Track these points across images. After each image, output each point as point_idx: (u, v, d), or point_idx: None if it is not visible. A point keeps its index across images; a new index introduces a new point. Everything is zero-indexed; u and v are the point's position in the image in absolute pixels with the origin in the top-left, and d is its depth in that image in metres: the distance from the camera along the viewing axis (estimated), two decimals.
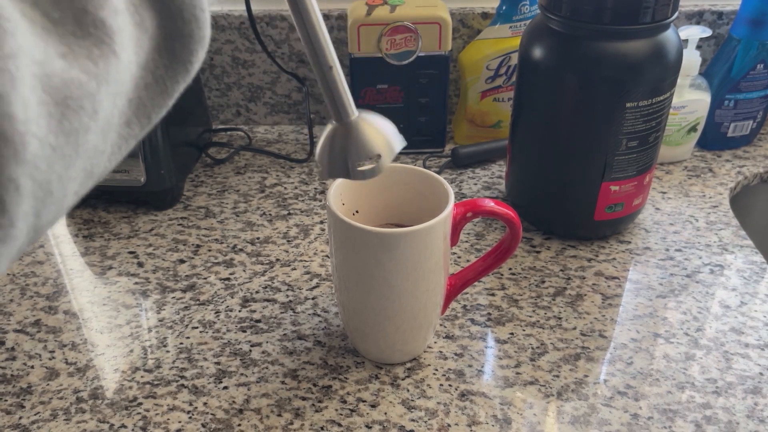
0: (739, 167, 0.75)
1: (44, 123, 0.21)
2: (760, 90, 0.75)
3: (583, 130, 0.58)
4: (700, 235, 0.64)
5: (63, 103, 0.22)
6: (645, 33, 0.55)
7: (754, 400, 0.48)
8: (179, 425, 0.46)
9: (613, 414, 0.47)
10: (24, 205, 0.21)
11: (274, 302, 0.57)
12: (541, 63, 0.58)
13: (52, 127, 0.22)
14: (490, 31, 0.75)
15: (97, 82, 0.23)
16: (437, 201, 0.47)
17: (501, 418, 0.46)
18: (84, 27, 0.23)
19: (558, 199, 0.62)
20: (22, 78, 0.20)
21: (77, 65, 0.23)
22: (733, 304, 0.56)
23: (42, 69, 0.21)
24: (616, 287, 0.58)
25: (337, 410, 0.47)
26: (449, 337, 0.53)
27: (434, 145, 0.78)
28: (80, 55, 0.23)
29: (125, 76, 0.25)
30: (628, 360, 0.51)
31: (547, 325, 0.54)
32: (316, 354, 0.52)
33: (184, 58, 0.27)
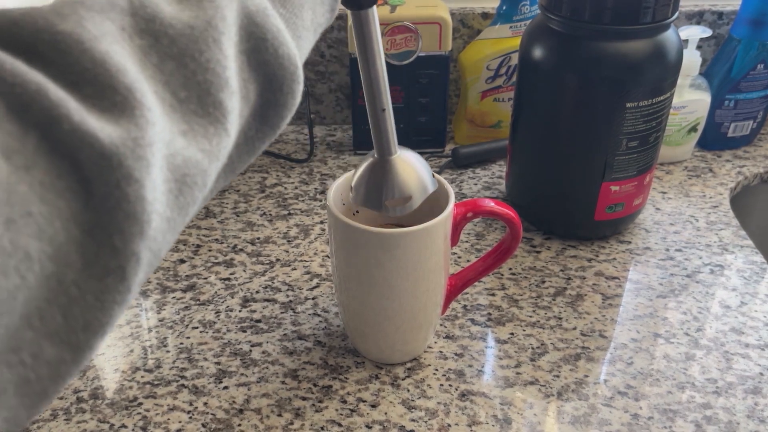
0: (739, 167, 0.75)
1: (164, 199, 0.23)
2: (760, 90, 0.75)
3: (584, 130, 0.58)
4: (701, 235, 0.64)
5: (181, 179, 0.24)
6: (645, 33, 0.55)
7: (754, 400, 0.48)
8: (179, 425, 0.46)
9: (614, 414, 0.47)
10: (141, 273, 0.23)
11: (274, 302, 0.57)
12: (542, 63, 0.58)
13: (170, 202, 0.23)
14: (491, 31, 0.75)
15: (209, 159, 0.25)
16: (437, 201, 0.47)
17: (501, 418, 0.46)
18: (205, 107, 0.25)
19: (558, 199, 0.62)
20: (155, 163, 0.22)
21: (195, 143, 0.24)
22: (733, 304, 0.56)
23: (168, 149, 0.23)
24: (617, 287, 0.58)
25: (337, 410, 0.47)
26: (449, 337, 0.53)
27: (434, 145, 0.78)
28: (198, 133, 0.25)
29: (230, 148, 0.27)
30: (628, 360, 0.51)
31: (547, 325, 0.54)
32: (316, 354, 0.52)
33: (275, 123, 0.29)
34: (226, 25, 0.25)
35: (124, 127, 0.21)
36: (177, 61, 0.24)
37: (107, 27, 0.23)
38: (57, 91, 0.21)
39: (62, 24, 0.22)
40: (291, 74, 0.28)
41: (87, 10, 0.22)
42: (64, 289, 0.21)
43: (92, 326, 0.22)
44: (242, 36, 0.26)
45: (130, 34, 0.23)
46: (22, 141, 0.20)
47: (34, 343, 0.20)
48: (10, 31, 0.21)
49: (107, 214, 0.21)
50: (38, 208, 0.20)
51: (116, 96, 0.22)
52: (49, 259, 0.20)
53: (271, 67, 0.27)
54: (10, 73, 0.20)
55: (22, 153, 0.20)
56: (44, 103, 0.20)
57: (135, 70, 0.23)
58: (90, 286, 0.21)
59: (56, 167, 0.20)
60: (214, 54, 0.25)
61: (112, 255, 0.22)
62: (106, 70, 0.22)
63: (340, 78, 0.82)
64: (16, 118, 0.20)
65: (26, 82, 0.20)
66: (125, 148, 0.21)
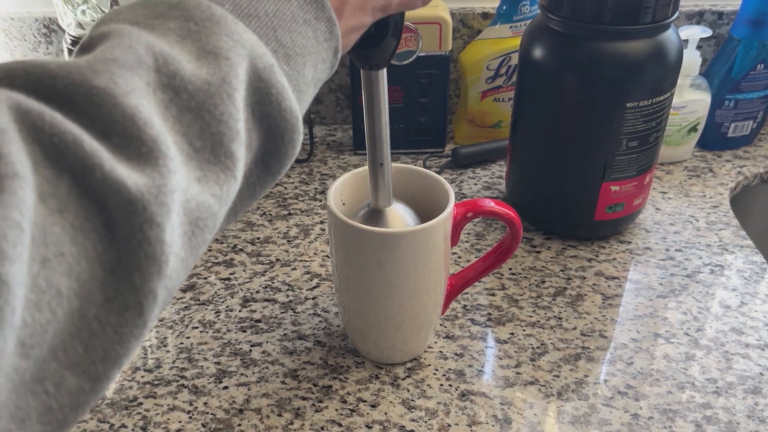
0: (739, 167, 0.75)
1: (180, 241, 0.25)
2: (760, 90, 0.75)
3: (584, 130, 0.58)
4: (701, 235, 0.64)
5: (195, 222, 0.26)
6: (645, 33, 0.55)
7: (754, 400, 0.48)
8: (179, 425, 0.46)
9: (614, 414, 0.47)
10: (156, 309, 0.25)
11: (274, 302, 0.57)
12: (542, 63, 0.58)
13: (184, 244, 0.25)
14: (491, 31, 0.75)
15: (220, 204, 0.27)
16: (437, 201, 0.47)
17: (501, 418, 0.46)
18: (217, 156, 0.27)
19: (558, 199, 0.62)
20: (174, 209, 0.25)
21: (208, 189, 0.27)
22: (733, 304, 0.56)
23: (184, 195, 0.25)
24: (617, 287, 0.58)
25: (337, 410, 0.47)
26: (449, 337, 0.53)
27: (434, 145, 0.78)
28: (211, 179, 0.27)
29: (236, 191, 0.29)
30: (628, 360, 0.51)
31: (547, 325, 0.54)
32: (316, 354, 0.52)
33: (275, 170, 0.31)
34: (239, 81, 0.28)
35: (149, 176, 0.24)
36: (194, 113, 0.26)
37: (135, 83, 0.25)
38: (91, 141, 0.23)
39: (96, 79, 0.24)
40: (292, 126, 0.30)
41: (119, 67, 0.25)
42: (87, 323, 0.23)
43: (110, 358, 0.24)
44: (249, 90, 0.28)
45: (154, 89, 0.26)
46: (55, 185, 0.22)
47: (57, 373, 0.22)
48: (48, 83, 0.23)
49: (129, 255, 0.23)
50: (69, 248, 0.22)
51: (143, 147, 0.24)
52: (76, 295, 0.22)
53: (274, 119, 0.29)
54: (49, 124, 0.22)
55: (56, 197, 0.22)
56: (80, 153, 0.22)
57: (159, 122, 0.25)
58: (110, 321, 0.23)
59: (85, 210, 0.22)
60: (228, 108, 0.27)
61: (132, 292, 0.23)
62: (135, 123, 0.24)
63: (341, 78, 0.82)
64: (51, 164, 0.22)
65: (63, 133, 0.22)
66: (150, 194, 0.23)
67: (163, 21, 0.28)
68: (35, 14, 0.80)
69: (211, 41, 0.27)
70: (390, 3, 0.36)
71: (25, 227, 0.20)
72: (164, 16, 0.28)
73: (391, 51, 0.40)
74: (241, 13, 0.29)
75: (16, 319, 0.20)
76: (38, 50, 0.82)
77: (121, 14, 0.28)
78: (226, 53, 0.27)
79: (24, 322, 0.20)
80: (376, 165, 0.44)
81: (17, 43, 0.81)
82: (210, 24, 0.28)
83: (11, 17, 0.80)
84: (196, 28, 0.28)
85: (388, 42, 0.39)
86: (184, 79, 0.26)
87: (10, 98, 0.22)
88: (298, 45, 0.31)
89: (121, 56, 0.25)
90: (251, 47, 0.28)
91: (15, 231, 0.19)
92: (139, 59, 0.25)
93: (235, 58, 0.28)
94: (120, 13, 0.29)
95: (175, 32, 0.27)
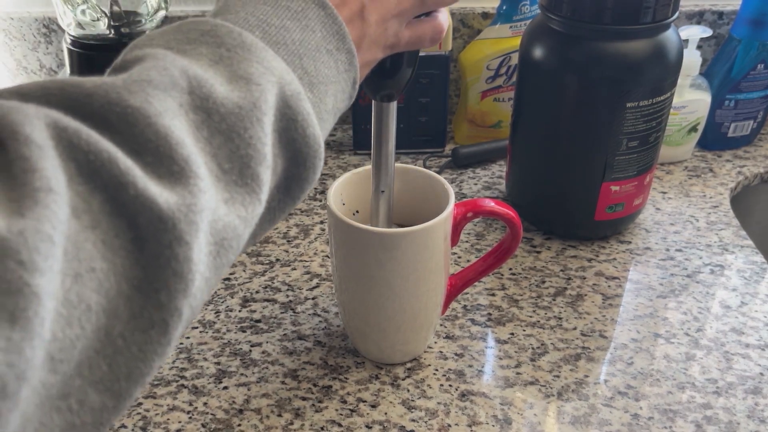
0: (739, 167, 0.75)
1: (206, 260, 0.25)
2: (760, 90, 0.75)
3: (584, 130, 0.58)
4: (701, 235, 0.64)
5: (220, 243, 0.26)
6: (645, 33, 0.54)
7: (754, 400, 0.48)
8: (179, 425, 0.46)
9: (614, 414, 0.47)
10: (180, 328, 0.25)
11: (274, 302, 0.57)
12: (542, 63, 0.58)
13: (209, 264, 0.26)
14: (491, 30, 0.75)
15: (245, 226, 0.28)
16: (437, 201, 0.47)
17: (501, 419, 0.46)
18: (244, 178, 0.27)
19: (558, 199, 0.62)
20: (203, 228, 0.25)
21: (234, 210, 0.27)
22: (733, 304, 0.56)
23: (212, 215, 0.26)
24: (617, 287, 0.58)
25: (337, 410, 0.47)
26: (449, 338, 0.53)
27: (434, 145, 0.78)
28: (237, 200, 0.27)
29: (260, 214, 0.29)
30: (628, 360, 0.51)
31: (547, 325, 0.54)
32: (316, 354, 0.52)
33: (296, 195, 0.32)
34: (268, 106, 0.28)
35: (179, 194, 0.24)
36: (225, 136, 0.27)
37: (169, 103, 0.25)
38: (125, 159, 0.23)
39: (131, 99, 0.24)
40: (314, 151, 0.31)
41: (153, 88, 0.25)
42: (112, 340, 0.23)
43: (134, 375, 0.24)
44: (277, 116, 0.29)
45: (186, 110, 0.26)
46: (89, 202, 0.22)
47: (81, 390, 0.22)
48: (84, 102, 0.24)
49: (156, 272, 0.23)
50: (100, 264, 0.22)
51: (174, 166, 0.24)
52: (104, 311, 0.22)
53: (298, 145, 0.30)
54: (85, 142, 0.22)
55: (89, 213, 0.22)
56: (114, 171, 0.23)
57: (191, 143, 0.26)
58: (135, 338, 0.23)
59: (115, 227, 0.23)
60: (257, 131, 0.28)
61: (157, 309, 0.24)
62: (167, 143, 0.24)
63: None
64: (85, 180, 0.22)
65: (99, 151, 0.23)
66: (180, 213, 0.24)
67: (195, 46, 0.28)
68: (35, 14, 0.80)
69: (242, 67, 0.28)
70: (399, 42, 0.37)
71: (57, 240, 0.20)
72: (196, 41, 0.29)
73: (406, 81, 0.41)
74: (270, 40, 0.30)
75: (45, 331, 0.20)
76: (38, 50, 0.82)
77: (154, 39, 0.29)
78: (257, 79, 0.28)
79: (54, 336, 0.20)
80: (378, 192, 0.45)
81: (17, 43, 0.81)
82: (241, 50, 0.29)
83: (11, 17, 0.80)
84: (228, 54, 0.28)
85: (404, 72, 0.40)
86: (216, 101, 0.27)
87: (48, 115, 0.22)
88: (322, 74, 0.32)
89: (156, 77, 0.26)
90: (280, 74, 0.29)
91: (47, 244, 0.20)
92: (173, 81, 0.26)
93: (266, 84, 0.28)
94: (153, 38, 0.29)
95: (208, 57, 0.28)
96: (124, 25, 0.68)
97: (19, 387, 0.19)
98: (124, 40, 0.68)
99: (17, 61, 0.83)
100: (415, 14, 0.37)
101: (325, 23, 0.32)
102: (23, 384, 0.19)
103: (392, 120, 0.43)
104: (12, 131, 0.21)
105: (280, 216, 0.32)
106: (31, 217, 0.20)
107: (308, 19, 0.32)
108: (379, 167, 0.44)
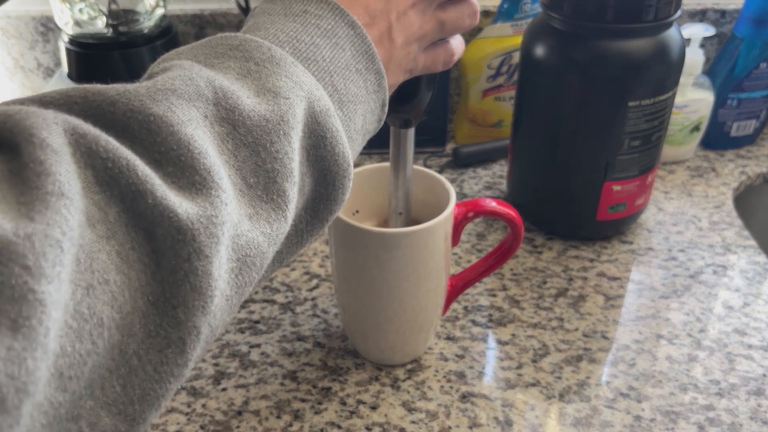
0: (742, 167, 0.75)
1: (227, 277, 0.24)
2: (763, 89, 0.74)
3: (585, 129, 0.57)
4: (703, 235, 0.64)
5: (242, 259, 0.25)
6: (648, 31, 0.54)
7: (757, 401, 0.47)
8: (177, 427, 0.46)
9: (616, 416, 0.46)
10: (198, 348, 0.24)
11: (273, 303, 0.57)
12: (543, 62, 0.57)
13: (230, 281, 0.25)
14: (492, 29, 0.74)
15: (269, 243, 0.27)
16: (438, 201, 0.47)
17: (502, 420, 0.46)
18: (270, 193, 0.27)
19: (560, 199, 0.62)
20: (224, 242, 0.24)
21: (258, 227, 0.26)
22: (736, 305, 0.56)
23: (235, 229, 0.25)
24: (619, 288, 0.58)
25: (336, 412, 0.47)
26: (450, 339, 0.53)
27: (435, 145, 0.78)
28: (262, 217, 0.26)
29: (286, 232, 0.28)
30: (630, 361, 0.51)
31: (548, 326, 0.54)
32: (315, 355, 0.52)
33: (324, 216, 0.31)
34: (296, 121, 0.28)
35: (200, 205, 0.23)
36: (250, 149, 0.26)
37: (193, 113, 0.25)
38: (144, 168, 0.22)
39: (154, 107, 0.24)
40: (344, 171, 0.30)
41: (177, 97, 0.25)
42: (126, 359, 0.22)
43: (148, 398, 0.23)
44: (306, 132, 0.28)
45: (212, 121, 0.26)
46: (105, 211, 0.22)
47: (93, 412, 0.21)
48: (107, 110, 0.23)
49: (174, 287, 0.22)
50: (114, 276, 0.21)
51: (195, 176, 0.24)
52: (117, 327, 0.21)
53: (327, 163, 0.29)
54: (104, 149, 0.22)
55: (105, 222, 0.21)
56: (132, 179, 0.22)
57: (214, 154, 0.25)
58: (150, 357, 0.22)
59: (131, 239, 0.22)
60: (284, 146, 0.27)
61: (174, 327, 0.23)
62: (190, 152, 0.24)
63: None
64: (102, 189, 0.22)
65: (118, 158, 0.22)
66: (200, 224, 0.23)
67: (223, 60, 0.28)
68: (32, 12, 0.80)
69: (270, 80, 0.28)
70: (416, 66, 0.37)
71: (66, 247, 0.19)
72: (225, 56, 0.28)
73: (426, 104, 0.41)
74: (300, 56, 0.30)
75: (50, 342, 0.19)
76: (35, 49, 0.81)
77: (182, 54, 0.29)
78: (286, 93, 0.28)
79: (63, 351, 0.19)
80: (396, 214, 0.46)
81: (14, 41, 0.81)
82: (270, 65, 0.28)
83: (8, 15, 0.79)
84: (256, 68, 0.28)
85: (423, 96, 0.40)
86: (243, 113, 0.26)
87: (67, 121, 0.22)
88: (351, 92, 0.32)
89: (181, 87, 0.25)
90: (310, 89, 0.29)
91: (55, 250, 0.19)
92: (199, 91, 0.25)
93: (294, 98, 0.28)
94: (181, 53, 0.29)
95: (235, 71, 0.28)
96: (122, 24, 0.68)
97: (20, 401, 0.18)
98: (122, 38, 0.68)
99: (14, 60, 0.82)
100: (434, 39, 0.37)
101: (354, 42, 0.32)
102: (25, 398, 0.18)
103: (410, 146, 0.43)
104: (29, 134, 0.21)
105: (308, 239, 0.31)
106: (41, 221, 0.19)
107: (338, 38, 0.31)
108: (396, 191, 0.45)
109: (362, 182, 0.49)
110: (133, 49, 0.68)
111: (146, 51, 0.68)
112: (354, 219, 0.45)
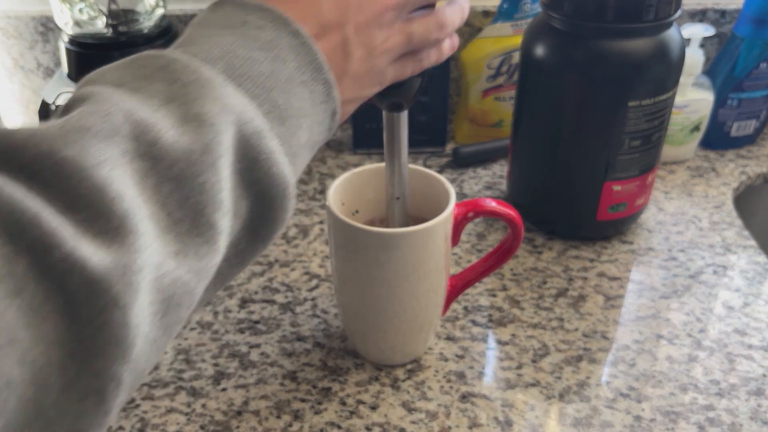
0: (742, 167, 0.75)
1: (149, 320, 0.23)
2: (763, 89, 0.74)
3: (586, 129, 0.57)
4: (704, 235, 0.64)
5: (167, 300, 0.24)
6: (648, 31, 0.54)
7: (757, 401, 0.47)
8: (177, 427, 0.46)
9: (616, 416, 0.46)
10: (121, 395, 0.23)
11: (272, 303, 0.57)
12: (543, 61, 0.57)
13: (155, 323, 0.24)
14: (492, 29, 0.74)
15: (198, 279, 0.26)
16: (438, 201, 0.47)
17: (502, 420, 0.46)
18: (198, 227, 0.26)
19: (560, 199, 0.62)
20: (144, 287, 0.23)
21: (186, 264, 0.25)
22: (736, 305, 0.56)
23: (157, 271, 0.24)
24: (619, 288, 0.58)
25: (336, 412, 0.47)
26: (450, 339, 0.53)
27: (435, 145, 0.77)
28: (190, 252, 0.25)
29: (218, 263, 0.27)
30: (630, 361, 0.51)
31: (549, 326, 0.54)
32: (315, 355, 0.52)
33: (265, 236, 0.30)
34: (223, 148, 0.26)
35: (115, 253, 0.22)
36: (175, 183, 0.25)
37: (109, 152, 0.23)
38: (53, 218, 0.21)
39: (66, 150, 0.22)
40: (281, 191, 0.29)
41: (92, 136, 0.23)
42: (42, 413, 0.21)
43: None
44: (237, 156, 0.27)
45: (131, 157, 0.24)
46: (12, 264, 0.20)
47: None
48: (13, 154, 0.22)
49: (90, 338, 0.22)
50: (24, 333, 0.20)
51: (110, 222, 0.22)
52: (30, 382, 0.21)
53: (264, 185, 0.28)
54: (8, 200, 0.21)
55: (12, 276, 0.20)
56: (38, 231, 0.21)
57: (132, 194, 0.24)
58: (68, 409, 0.22)
59: (43, 291, 0.21)
60: (210, 176, 0.26)
61: (93, 377, 0.22)
62: (103, 197, 0.22)
63: None
64: (8, 242, 0.20)
65: (24, 210, 0.21)
66: (115, 273, 0.22)
67: (150, 83, 0.27)
68: (32, 12, 0.80)
69: (196, 105, 0.26)
70: (384, 80, 0.36)
71: None
72: (151, 77, 0.27)
73: (415, 89, 0.40)
74: (234, 73, 0.28)
75: None
76: (35, 48, 0.81)
77: (107, 74, 0.27)
78: (212, 119, 0.26)
79: None
80: (393, 199, 0.45)
81: (14, 42, 0.81)
82: (196, 87, 0.27)
83: (8, 15, 0.79)
84: (183, 92, 0.26)
85: (411, 81, 0.39)
86: (164, 147, 0.25)
87: None
88: (294, 107, 0.30)
89: (96, 124, 0.24)
90: (239, 112, 0.27)
91: None
92: (115, 127, 0.24)
93: (221, 124, 0.26)
94: (106, 73, 0.28)
95: (162, 94, 0.26)
96: (122, 24, 0.68)
97: None
98: (122, 38, 0.68)
99: (14, 60, 0.82)
100: (403, 52, 0.36)
101: (298, 53, 0.30)
102: None
103: (403, 130, 0.42)
104: None
105: (249, 259, 0.30)
106: None
107: (279, 49, 0.30)
108: (392, 176, 0.44)
109: (362, 182, 0.49)
110: (133, 49, 0.68)
111: None
112: (354, 219, 0.45)
